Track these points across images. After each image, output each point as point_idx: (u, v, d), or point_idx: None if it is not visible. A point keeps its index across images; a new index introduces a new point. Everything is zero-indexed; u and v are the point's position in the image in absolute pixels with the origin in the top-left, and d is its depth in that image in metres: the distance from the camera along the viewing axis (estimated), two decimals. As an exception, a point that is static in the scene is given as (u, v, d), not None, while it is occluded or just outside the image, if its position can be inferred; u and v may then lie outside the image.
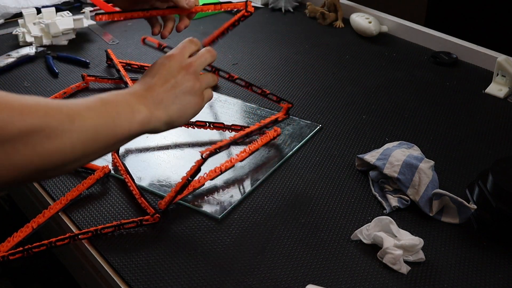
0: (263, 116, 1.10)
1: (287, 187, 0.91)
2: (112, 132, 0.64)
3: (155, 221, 0.83)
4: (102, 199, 0.89)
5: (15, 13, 1.54)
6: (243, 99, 1.16)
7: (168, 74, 0.74)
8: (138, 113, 0.68)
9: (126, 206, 0.87)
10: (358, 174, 0.94)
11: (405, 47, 1.42)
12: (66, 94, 1.15)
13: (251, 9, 0.87)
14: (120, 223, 0.81)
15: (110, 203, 0.88)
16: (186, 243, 0.80)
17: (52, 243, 0.80)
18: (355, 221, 0.84)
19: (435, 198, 0.84)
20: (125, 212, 0.86)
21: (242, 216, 0.85)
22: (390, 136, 1.05)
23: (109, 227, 0.81)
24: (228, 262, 0.77)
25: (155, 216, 0.82)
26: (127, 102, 0.68)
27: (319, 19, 1.55)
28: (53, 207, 0.86)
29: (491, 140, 1.04)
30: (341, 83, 1.24)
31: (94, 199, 0.89)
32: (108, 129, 0.64)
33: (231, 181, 0.92)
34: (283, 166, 0.96)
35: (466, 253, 0.79)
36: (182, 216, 0.85)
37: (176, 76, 0.74)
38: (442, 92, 1.21)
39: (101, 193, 0.90)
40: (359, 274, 0.75)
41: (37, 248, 0.80)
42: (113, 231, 0.81)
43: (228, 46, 1.41)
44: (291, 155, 0.99)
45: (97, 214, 0.86)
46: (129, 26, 1.53)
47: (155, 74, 0.74)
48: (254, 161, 0.97)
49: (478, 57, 1.31)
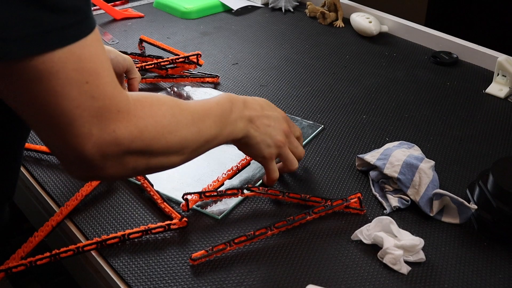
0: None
1: (287, 187, 0.91)
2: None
3: (183, 225, 0.81)
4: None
5: (15, 13, 1.54)
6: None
7: (272, 118, 0.86)
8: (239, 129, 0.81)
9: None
10: (358, 174, 0.94)
11: (405, 47, 1.41)
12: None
13: None
14: (148, 228, 0.80)
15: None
16: (186, 243, 0.80)
17: (79, 248, 0.79)
18: (355, 221, 0.84)
19: (436, 198, 0.83)
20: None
21: (242, 216, 0.85)
22: (390, 136, 1.05)
23: (137, 232, 0.80)
24: (228, 262, 0.77)
25: (182, 220, 0.81)
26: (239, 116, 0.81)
27: (319, 18, 1.55)
28: (69, 203, 0.86)
29: (491, 140, 1.04)
30: (341, 83, 1.24)
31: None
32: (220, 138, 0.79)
33: (231, 181, 0.92)
34: (283, 166, 0.96)
35: (467, 253, 0.79)
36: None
37: (275, 123, 0.85)
38: (442, 92, 1.21)
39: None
40: (359, 274, 0.75)
41: (65, 253, 0.79)
42: (141, 236, 0.80)
43: (228, 46, 1.41)
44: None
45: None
46: (129, 26, 1.53)
47: (267, 109, 0.86)
48: (254, 161, 0.96)
49: (478, 57, 1.31)
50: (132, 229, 0.81)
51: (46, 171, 0.94)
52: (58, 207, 0.87)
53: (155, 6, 1.67)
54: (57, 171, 0.95)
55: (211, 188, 0.89)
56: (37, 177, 0.93)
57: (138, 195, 0.89)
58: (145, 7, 1.66)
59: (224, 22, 1.56)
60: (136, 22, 1.56)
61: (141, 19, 1.58)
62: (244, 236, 0.78)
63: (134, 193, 0.90)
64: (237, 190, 0.86)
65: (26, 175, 0.95)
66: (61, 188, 0.91)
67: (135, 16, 1.58)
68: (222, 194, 0.86)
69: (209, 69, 1.28)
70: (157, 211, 0.86)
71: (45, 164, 0.96)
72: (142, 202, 0.88)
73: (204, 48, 1.39)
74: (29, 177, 0.94)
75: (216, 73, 1.25)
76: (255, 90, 1.20)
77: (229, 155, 0.97)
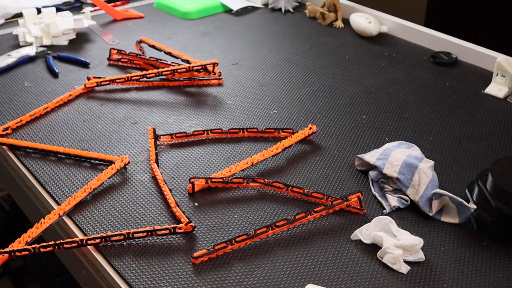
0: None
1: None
2: None
3: (188, 230, 0.81)
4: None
5: (15, 13, 1.54)
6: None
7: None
8: None
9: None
10: (358, 174, 0.95)
11: (405, 47, 1.42)
12: (72, 96, 1.15)
13: None
14: (154, 229, 0.80)
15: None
16: (187, 242, 0.80)
17: (83, 240, 0.79)
18: (355, 221, 0.84)
19: (435, 198, 0.84)
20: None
21: (242, 216, 0.85)
22: (390, 136, 1.05)
23: (142, 231, 0.80)
24: (228, 262, 0.77)
25: (188, 225, 0.81)
26: None
27: (319, 19, 1.55)
28: (77, 194, 0.87)
29: (490, 140, 1.04)
30: (340, 83, 1.24)
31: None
32: None
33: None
34: (283, 166, 0.96)
35: (466, 252, 0.79)
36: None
37: None
38: (442, 92, 1.21)
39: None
40: (359, 274, 0.75)
41: (69, 244, 0.80)
42: (146, 236, 0.80)
43: (228, 46, 1.41)
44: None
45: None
46: (129, 26, 1.53)
47: None
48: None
49: (478, 57, 1.31)
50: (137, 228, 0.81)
51: (46, 171, 0.95)
52: (56, 204, 0.88)
53: (155, 6, 1.67)
54: (58, 170, 0.95)
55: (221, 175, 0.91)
56: (38, 177, 0.94)
57: (144, 196, 0.90)
58: (145, 8, 1.66)
59: (224, 23, 1.57)
60: (137, 22, 1.56)
61: (141, 19, 1.58)
62: (245, 235, 0.79)
63: (139, 194, 0.90)
64: (243, 179, 0.88)
65: (27, 174, 0.95)
66: (61, 188, 0.91)
67: (136, 17, 1.58)
68: (228, 181, 0.88)
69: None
70: (163, 214, 0.86)
71: (46, 163, 0.96)
72: (148, 202, 0.88)
73: (204, 48, 1.39)
74: (30, 176, 0.95)
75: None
76: (255, 90, 1.21)
77: (243, 147, 1.00)
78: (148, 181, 0.92)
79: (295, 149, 1.01)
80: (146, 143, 1.02)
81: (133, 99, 1.16)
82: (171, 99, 1.17)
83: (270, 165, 0.97)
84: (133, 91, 1.19)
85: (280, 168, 0.96)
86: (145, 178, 0.93)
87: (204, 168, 0.95)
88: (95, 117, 1.10)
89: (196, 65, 1.20)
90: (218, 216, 0.85)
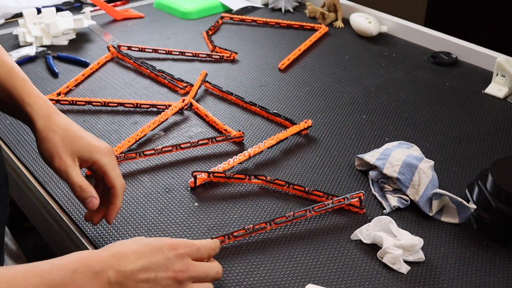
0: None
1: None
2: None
3: (240, 139, 1.00)
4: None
5: (15, 13, 1.54)
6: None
7: (154, 266, 0.62)
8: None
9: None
10: (358, 174, 0.95)
11: (405, 47, 1.42)
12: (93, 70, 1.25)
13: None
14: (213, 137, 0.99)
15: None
16: (186, 237, 0.80)
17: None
18: (355, 220, 0.84)
19: (435, 198, 0.84)
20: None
21: (242, 212, 0.85)
22: (390, 136, 1.05)
23: (204, 139, 0.97)
24: (228, 262, 0.77)
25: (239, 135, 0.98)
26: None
27: (319, 19, 1.55)
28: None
29: (490, 140, 1.05)
30: (340, 83, 1.24)
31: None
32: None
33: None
34: (283, 166, 0.96)
35: (466, 253, 0.79)
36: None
37: (158, 273, 0.62)
38: (442, 92, 1.21)
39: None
40: (359, 274, 0.75)
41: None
42: (207, 143, 0.97)
43: (228, 46, 1.41)
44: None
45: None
46: (129, 26, 1.53)
47: (143, 256, 0.63)
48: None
49: (478, 57, 1.31)
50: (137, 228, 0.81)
51: (46, 170, 0.95)
52: (58, 207, 0.88)
53: (155, 6, 1.67)
54: (58, 171, 0.95)
55: (221, 170, 0.92)
56: (38, 177, 0.94)
57: (144, 196, 0.90)
58: (145, 8, 1.66)
59: (224, 23, 1.57)
60: (137, 22, 1.56)
61: (141, 19, 1.58)
62: (243, 230, 0.79)
63: (140, 194, 0.90)
64: (245, 176, 0.89)
65: (27, 175, 0.95)
66: (61, 188, 0.91)
67: (136, 17, 1.58)
68: (230, 177, 0.90)
69: (209, 69, 1.28)
70: (163, 214, 0.86)
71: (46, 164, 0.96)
72: (149, 202, 0.88)
73: (204, 48, 1.39)
74: (30, 176, 0.95)
75: (216, 73, 1.25)
76: (255, 90, 1.21)
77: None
78: (148, 181, 0.93)
79: (294, 149, 1.01)
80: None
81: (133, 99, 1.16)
82: (171, 99, 1.17)
83: (270, 165, 0.97)
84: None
85: (280, 168, 0.96)
86: (145, 178, 0.93)
87: (203, 166, 0.95)
88: (95, 117, 1.10)
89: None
90: (218, 216, 0.85)
